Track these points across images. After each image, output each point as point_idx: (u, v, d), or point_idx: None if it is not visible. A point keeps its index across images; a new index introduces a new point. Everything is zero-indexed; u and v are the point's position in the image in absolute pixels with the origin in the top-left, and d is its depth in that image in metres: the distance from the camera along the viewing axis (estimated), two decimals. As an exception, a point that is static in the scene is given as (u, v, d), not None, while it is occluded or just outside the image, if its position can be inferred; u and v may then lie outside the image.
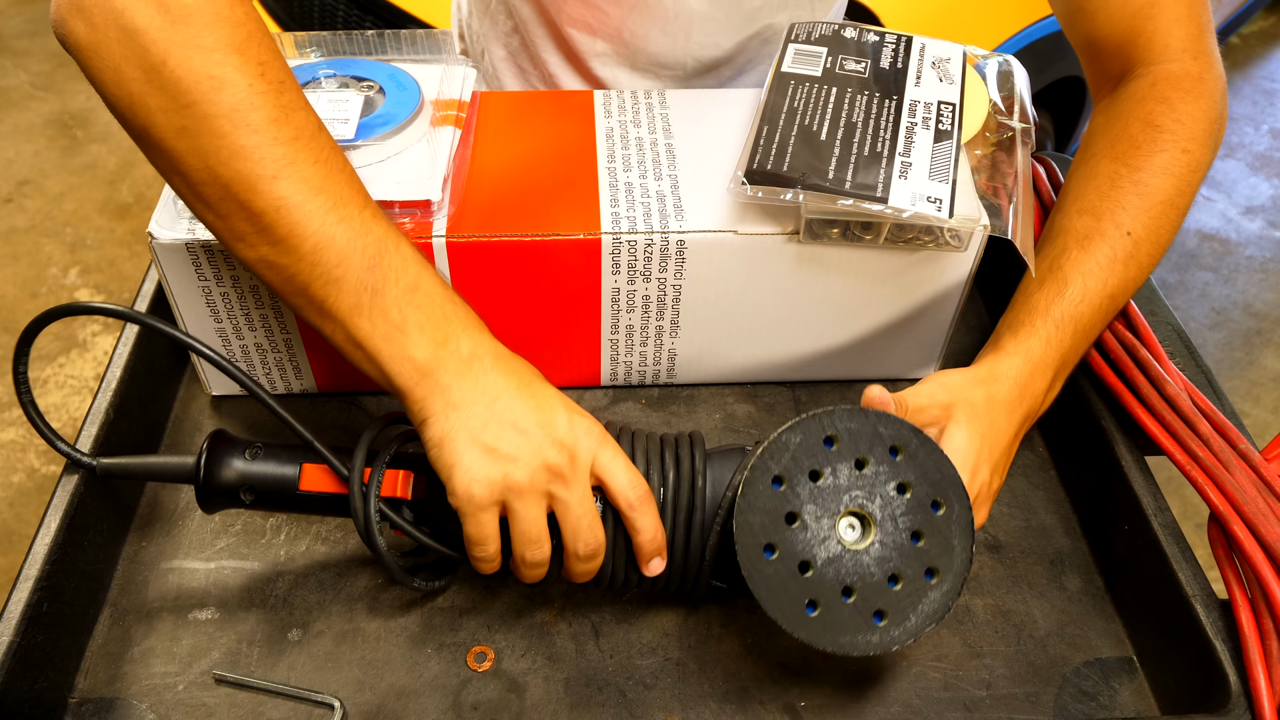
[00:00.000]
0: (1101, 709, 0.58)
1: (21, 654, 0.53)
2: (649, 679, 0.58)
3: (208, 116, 0.48)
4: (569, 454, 0.52)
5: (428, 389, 0.52)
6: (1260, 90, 2.79)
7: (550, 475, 0.52)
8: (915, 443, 0.53)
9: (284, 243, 0.50)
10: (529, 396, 0.53)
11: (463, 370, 0.52)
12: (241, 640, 0.59)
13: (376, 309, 0.51)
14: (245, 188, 0.49)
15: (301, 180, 0.50)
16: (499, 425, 0.51)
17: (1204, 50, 0.66)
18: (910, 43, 0.73)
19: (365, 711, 0.56)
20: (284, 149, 0.49)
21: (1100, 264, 0.62)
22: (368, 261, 0.51)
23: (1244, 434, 0.62)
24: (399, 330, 0.51)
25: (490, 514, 0.52)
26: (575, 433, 0.52)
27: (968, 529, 0.52)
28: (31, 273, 2.15)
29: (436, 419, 0.52)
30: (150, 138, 0.49)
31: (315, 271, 0.51)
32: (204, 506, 0.57)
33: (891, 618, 0.51)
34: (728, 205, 0.65)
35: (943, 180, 0.62)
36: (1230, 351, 2.05)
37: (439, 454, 0.52)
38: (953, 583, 0.52)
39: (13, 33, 2.88)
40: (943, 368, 0.76)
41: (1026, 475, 0.71)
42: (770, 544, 0.51)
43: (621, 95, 0.75)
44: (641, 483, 0.54)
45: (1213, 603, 0.57)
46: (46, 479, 1.78)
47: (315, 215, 0.50)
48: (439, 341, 0.52)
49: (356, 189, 0.52)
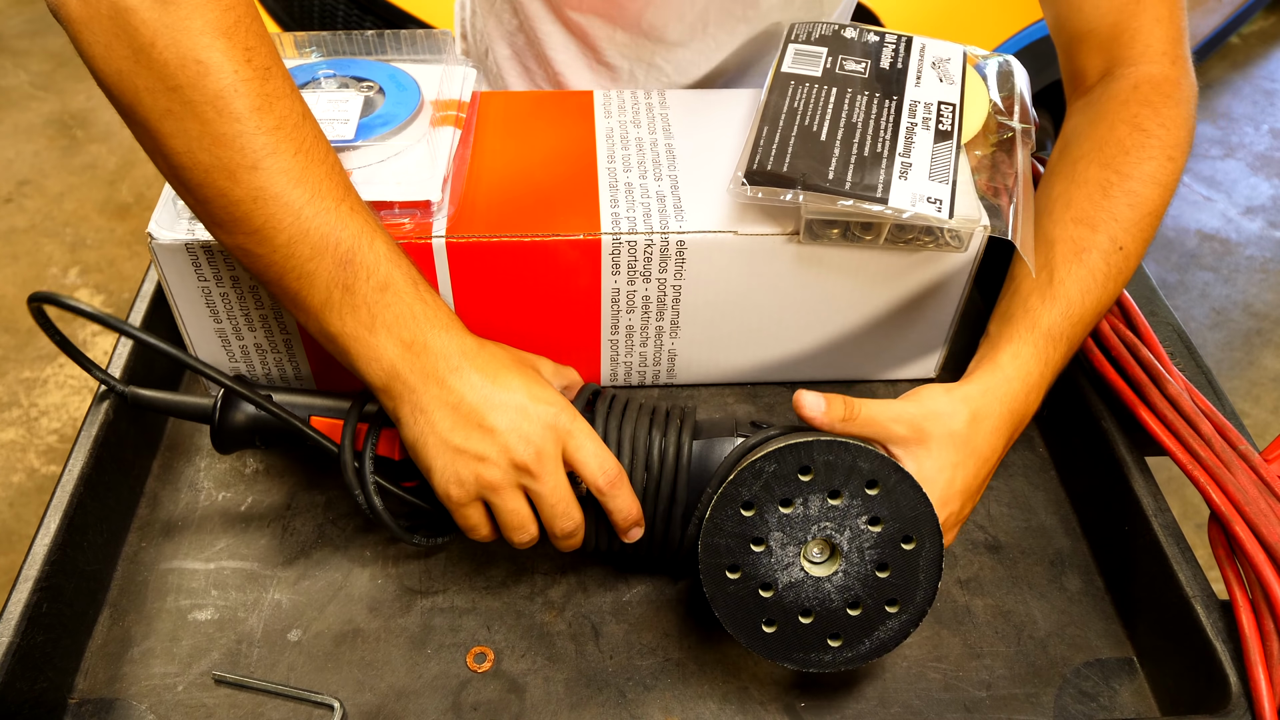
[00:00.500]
0: (1102, 710, 0.58)
1: (21, 654, 0.53)
2: (649, 679, 0.58)
3: (192, 102, 0.48)
4: (535, 449, 0.53)
5: (397, 391, 0.53)
6: (1260, 90, 2.79)
7: (519, 471, 0.53)
8: (894, 479, 0.52)
9: (259, 233, 0.51)
10: (495, 393, 0.53)
11: (428, 373, 0.53)
12: (241, 641, 0.59)
13: (347, 306, 0.52)
14: (225, 175, 0.49)
15: (281, 172, 0.50)
16: (466, 427, 0.52)
17: (1181, 56, 0.67)
18: (910, 43, 0.72)
19: (365, 712, 0.56)
20: (265, 138, 0.49)
21: (1096, 279, 0.61)
22: (340, 258, 0.52)
23: (1244, 434, 0.62)
24: (368, 330, 0.52)
25: (473, 508, 0.54)
26: (542, 425, 0.53)
27: (935, 564, 0.53)
28: (31, 273, 2.15)
29: (408, 425, 0.53)
30: (136, 116, 0.50)
31: (289, 264, 0.51)
32: (218, 447, 0.60)
33: (846, 640, 0.53)
34: (728, 206, 0.65)
35: (943, 181, 0.62)
36: (1230, 351, 2.05)
37: (416, 456, 0.54)
38: (913, 613, 0.53)
39: (13, 33, 2.88)
40: (943, 368, 0.76)
41: (1026, 475, 0.71)
42: (734, 564, 0.53)
43: (621, 95, 0.75)
44: (612, 464, 0.54)
45: (1213, 603, 0.57)
46: (46, 479, 1.78)
47: (292, 208, 0.50)
48: (406, 343, 0.53)
49: (336, 180, 0.53)
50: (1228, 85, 2.80)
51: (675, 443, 0.57)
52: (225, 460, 0.69)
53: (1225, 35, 2.73)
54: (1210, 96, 2.75)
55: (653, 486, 0.57)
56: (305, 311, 0.53)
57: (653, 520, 0.57)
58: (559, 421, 0.53)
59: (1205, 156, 2.55)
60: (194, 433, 0.71)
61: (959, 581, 0.64)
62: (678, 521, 0.57)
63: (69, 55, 2.77)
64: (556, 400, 0.54)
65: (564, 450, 0.54)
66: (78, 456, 0.61)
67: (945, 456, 0.55)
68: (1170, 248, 2.29)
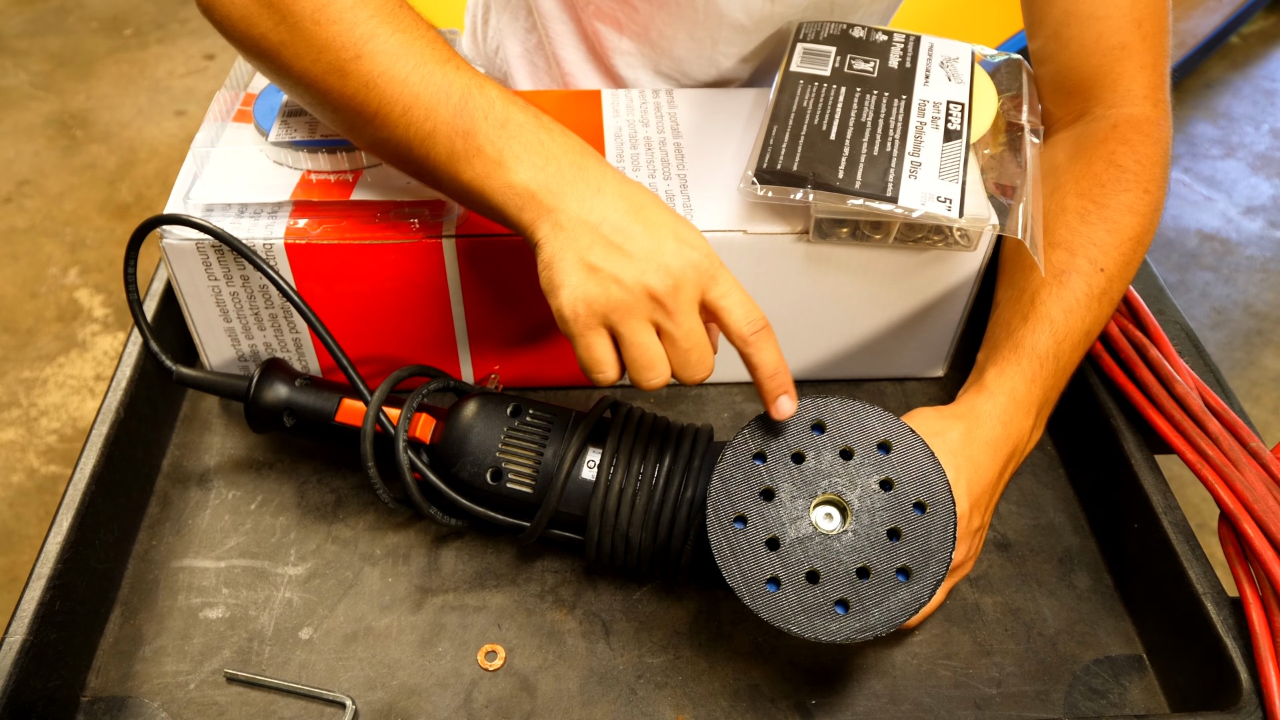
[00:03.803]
0: (1112, 707, 0.58)
1: (35, 653, 0.53)
2: (660, 677, 0.59)
3: (299, 25, 0.52)
4: (673, 282, 0.50)
5: (535, 212, 0.52)
6: (1260, 90, 2.80)
7: (653, 303, 0.51)
8: (908, 441, 0.53)
9: (378, 116, 0.53)
10: (637, 220, 0.52)
11: (567, 191, 0.52)
12: (253, 639, 0.59)
13: (472, 149, 0.52)
14: (337, 75, 0.53)
15: (382, 52, 0.52)
16: (605, 247, 0.51)
17: (1162, 99, 0.68)
18: (918, 42, 0.73)
19: (377, 710, 0.57)
20: (363, 28, 0.52)
21: (1079, 300, 0.62)
22: (454, 108, 0.52)
23: (1254, 432, 0.62)
24: (497, 164, 0.52)
25: (597, 334, 0.51)
26: (683, 261, 0.51)
27: (947, 534, 0.52)
28: (31, 273, 2.15)
29: (545, 243, 0.52)
30: (265, 56, 0.55)
31: (410, 132, 0.53)
32: (251, 424, 0.63)
33: (854, 610, 0.50)
34: (737, 205, 0.65)
35: (952, 180, 0.62)
36: (1230, 351, 2.06)
37: (548, 276, 0.52)
38: (923, 585, 0.51)
39: (13, 33, 2.87)
40: (951, 367, 0.76)
41: (1035, 474, 0.71)
42: (742, 515, 0.52)
43: (629, 95, 0.75)
44: (758, 314, 0.52)
45: (1223, 600, 0.58)
46: (46, 479, 1.77)
47: (398, 79, 0.52)
48: (539, 165, 0.52)
49: (439, 48, 0.54)
50: (1228, 85, 2.80)
51: (690, 448, 0.57)
52: (235, 459, 0.69)
53: (1225, 35, 2.73)
54: (1210, 96, 2.76)
55: (659, 491, 0.57)
56: (437, 174, 0.54)
57: (656, 524, 0.57)
58: (703, 263, 0.51)
59: (1205, 156, 2.55)
60: (204, 431, 0.71)
61: (968, 579, 0.64)
62: (681, 526, 0.57)
63: (69, 55, 2.77)
64: (702, 244, 0.52)
65: (704, 295, 0.52)
66: (89, 455, 0.61)
67: (944, 463, 0.56)
68: (1170, 248, 2.29)
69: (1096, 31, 0.67)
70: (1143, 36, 0.67)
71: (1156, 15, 0.67)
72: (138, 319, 0.64)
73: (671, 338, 0.51)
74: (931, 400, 0.75)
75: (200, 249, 0.63)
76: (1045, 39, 0.70)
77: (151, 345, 0.63)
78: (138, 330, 0.66)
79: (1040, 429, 0.63)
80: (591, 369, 0.52)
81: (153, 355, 0.63)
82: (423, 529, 0.65)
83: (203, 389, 0.64)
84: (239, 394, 0.63)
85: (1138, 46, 0.67)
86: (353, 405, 0.62)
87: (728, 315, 0.52)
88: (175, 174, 0.65)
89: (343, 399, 0.62)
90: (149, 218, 0.61)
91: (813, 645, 0.51)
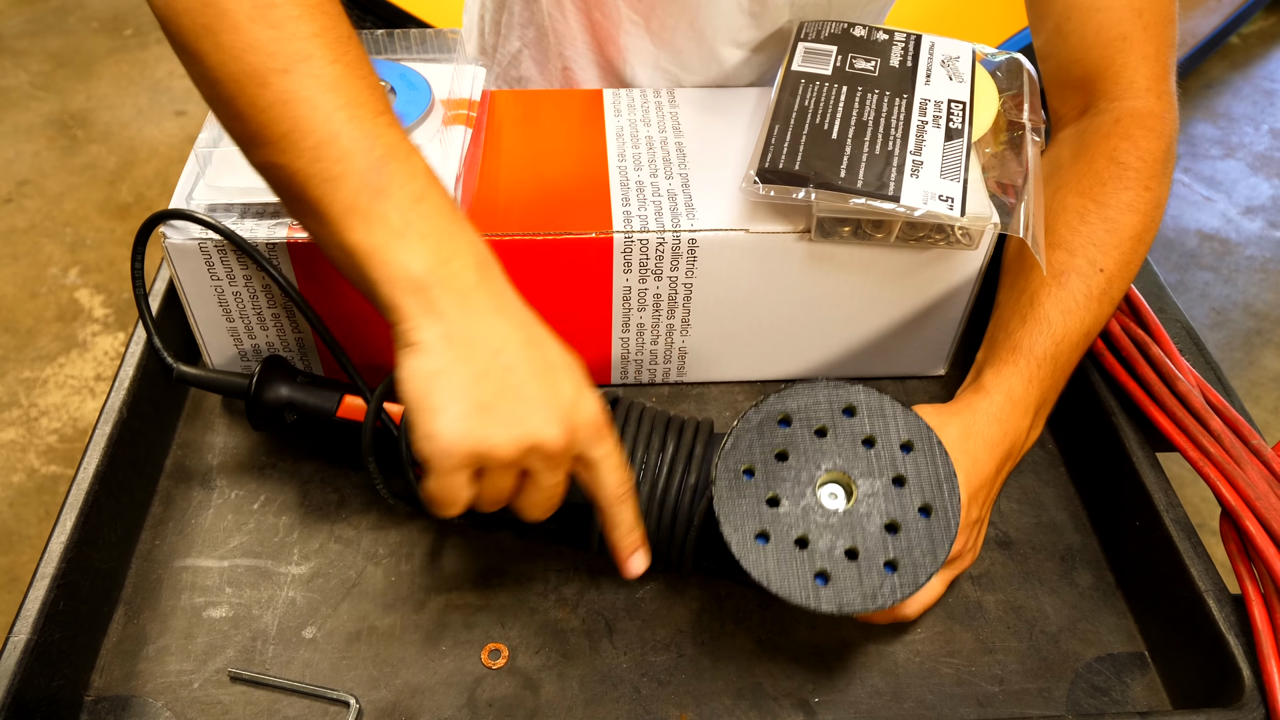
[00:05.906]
0: (1114, 704, 0.58)
1: (39, 652, 0.53)
2: (663, 675, 0.59)
3: (234, 9, 0.46)
4: (565, 441, 0.47)
5: (420, 308, 0.46)
6: (1260, 90, 2.80)
7: (534, 455, 0.47)
8: (931, 448, 0.53)
9: (285, 139, 0.47)
10: (536, 358, 0.48)
11: (464, 300, 0.47)
12: (256, 638, 0.59)
13: (375, 212, 0.47)
14: (256, 81, 0.46)
15: (313, 77, 0.46)
16: (500, 383, 0.46)
17: (1166, 90, 0.68)
18: (920, 41, 0.73)
19: (380, 708, 0.57)
20: (301, 45, 0.46)
21: (1078, 301, 0.62)
22: (372, 163, 0.47)
23: (1255, 429, 0.62)
24: (397, 236, 0.46)
25: (463, 477, 0.47)
26: (579, 417, 0.48)
27: (943, 544, 0.52)
28: (31, 273, 2.15)
29: (428, 350, 0.46)
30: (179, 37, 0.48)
31: (314, 169, 0.47)
32: (253, 422, 0.63)
33: (832, 584, 0.51)
34: (739, 204, 0.66)
35: (954, 179, 0.62)
36: (1230, 351, 2.06)
37: (423, 389, 0.46)
38: (905, 583, 0.51)
39: (13, 33, 2.87)
40: (952, 365, 0.76)
41: (1036, 471, 0.71)
42: (751, 468, 0.53)
43: (631, 94, 0.75)
44: (627, 476, 0.51)
45: (1225, 597, 0.58)
46: (46, 479, 1.77)
47: (321, 111, 0.47)
48: (442, 258, 0.47)
49: (376, 96, 0.49)
50: (1228, 85, 2.80)
51: (691, 443, 0.57)
52: (238, 458, 0.69)
53: (1225, 35, 2.73)
54: (1210, 96, 2.76)
55: (659, 490, 0.57)
56: (324, 220, 0.47)
57: (658, 524, 0.57)
58: (597, 419, 0.49)
59: (1205, 156, 2.55)
60: (207, 431, 0.71)
61: (970, 577, 0.64)
62: (681, 529, 0.57)
63: (69, 55, 2.77)
64: (593, 393, 0.50)
65: (586, 451, 0.49)
66: (92, 454, 0.61)
67: None
68: (1170, 248, 2.29)
69: (1097, 24, 0.67)
70: (1144, 27, 0.67)
71: (1159, 5, 0.67)
72: (143, 314, 0.64)
73: (537, 486, 0.49)
74: (933, 398, 0.75)
75: (203, 248, 0.63)
76: (1048, 34, 0.70)
77: (155, 341, 0.63)
78: (142, 326, 0.66)
79: (1039, 428, 0.63)
80: (442, 506, 0.48)
81: (155, 352, 0.63)
82: (425, 529, 0.65)
83: (203, 387, 0.64)
84: (240, 391, 0.63)
85: (1140, 37, 0.67)
86: (354, 402, 0.62)
87: (604, 476, 0.50)
88: (175, 174, 0.65)
89: (344, 395, 0.62)
90: (155, 212, 0.61)
91: (815, 643, 0.51)
